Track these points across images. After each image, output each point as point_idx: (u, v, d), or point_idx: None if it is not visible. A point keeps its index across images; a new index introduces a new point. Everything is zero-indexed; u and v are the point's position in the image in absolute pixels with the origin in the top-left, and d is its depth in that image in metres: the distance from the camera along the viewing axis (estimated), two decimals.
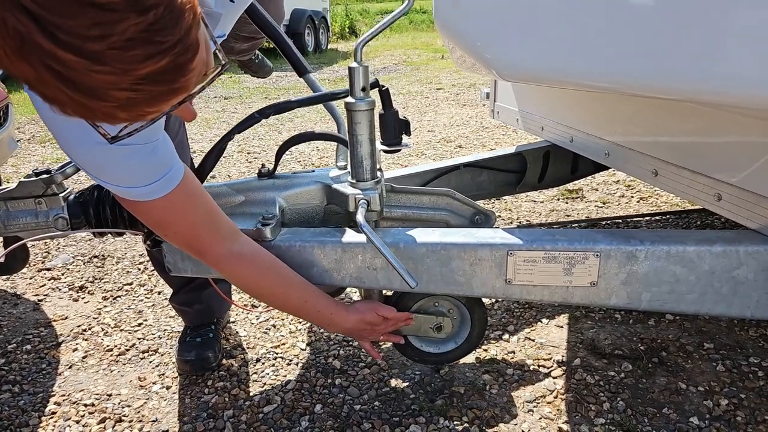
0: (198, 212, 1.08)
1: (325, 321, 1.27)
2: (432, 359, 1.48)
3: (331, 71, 8.35)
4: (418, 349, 1.45)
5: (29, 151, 4.26)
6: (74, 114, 0.62)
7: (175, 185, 0.99)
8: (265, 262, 1.18)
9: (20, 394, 1.57)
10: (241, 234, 1.17)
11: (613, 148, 1.60)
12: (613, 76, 1.00)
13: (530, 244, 1.19)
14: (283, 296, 1.23)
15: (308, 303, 1.23)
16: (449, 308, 1.40)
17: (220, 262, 1.14)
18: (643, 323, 1.74)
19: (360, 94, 1.20)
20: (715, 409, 1.39)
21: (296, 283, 1.21)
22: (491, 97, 2.39)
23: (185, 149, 1.53)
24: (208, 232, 1.10)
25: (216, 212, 1.11)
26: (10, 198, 1.28)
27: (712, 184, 1.27)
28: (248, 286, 1.23)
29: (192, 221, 1.07)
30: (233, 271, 1.17)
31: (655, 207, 2.68)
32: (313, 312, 1.25)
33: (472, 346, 1.45)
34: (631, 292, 1.19)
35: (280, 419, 1.43)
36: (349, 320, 1.27)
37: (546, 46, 1.04)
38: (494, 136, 4.15)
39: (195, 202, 1.07)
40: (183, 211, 1.05)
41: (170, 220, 1.06)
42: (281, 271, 1.19)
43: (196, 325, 1.70)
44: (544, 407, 1.42)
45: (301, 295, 1.22)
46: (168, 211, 1.03)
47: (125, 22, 0.55)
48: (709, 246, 1.14)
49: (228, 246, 1.13)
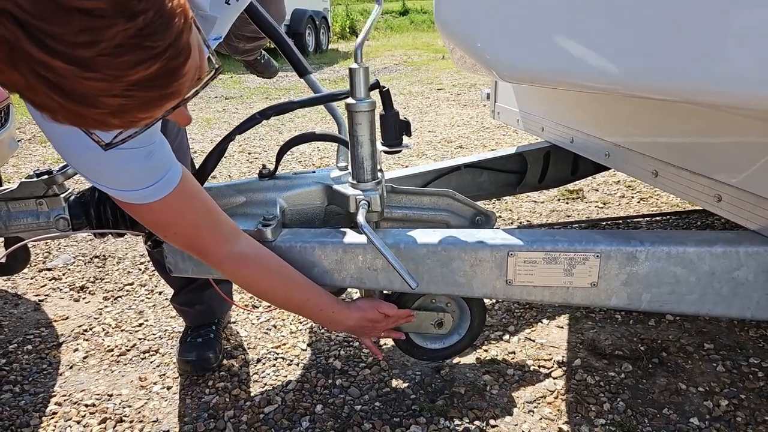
0: (198, 213, 1.08)
1: (327, 319, 1.27)
2: (439, 354, 1.47)
3: (332, 71, 8.35)
4: (423, 347, 1.44)
5: (30, 151, 4.26)
6: (65, 122, 0.61)
7: (173, 187, 0.99)
8: (268, 262, 1.18)
9: (21, 395, 1.57)
10: (242, 234, 1.17)
11: (614, 149, 1.60)
12: (615, 77, 1.00)
13: (530, 245, 1.19)
14: (286, 295, 1.23)
15: (310, 302, 1.23)
16: (447, 302, 1.40)
17: (223, 263, 1.14)
18: (643, 324, 1.75)
19: (361, 95, 1.20)
20: (715, 409, 1.39)
21: (298, 282, 1.21)
22: (492, 97, 2.39)
23: (185, 151, 1.53)
24: (209, 233, 1.10)
25: (217, 213, 1.11)
26: (12, 198, 1.28)
27: (712, 185, 1.27)
28: (250, 285, 1.23)
29: (192, 222, 1.07)
30: (235, 271, 1.17)
31: (655, 208, 2.68)
32: (315, 311, 1.25)
33: (475, 334, 1.44)
34: (632, 293, 1.19)
35: (280, 419, 1.43)
36: (351, 318, 1.27)
37: (546, 47, 1.04)
38: (495, 137, 4.15)
39: (194, 203, 1.07)
40: (182, 212, 1.05)
41: (170, 222, 1.06)
42: (283, 271, 1.19)
43: (197, 325, 1.70)
44: (544, 408, 1.43)
45: (304, 294, 1.22)
46: (167, 213, 1.03)
47: (114, 28, 0.55)
48: (710, 247, 1.14)
49: (230, 246, 1.13)
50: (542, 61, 1.06)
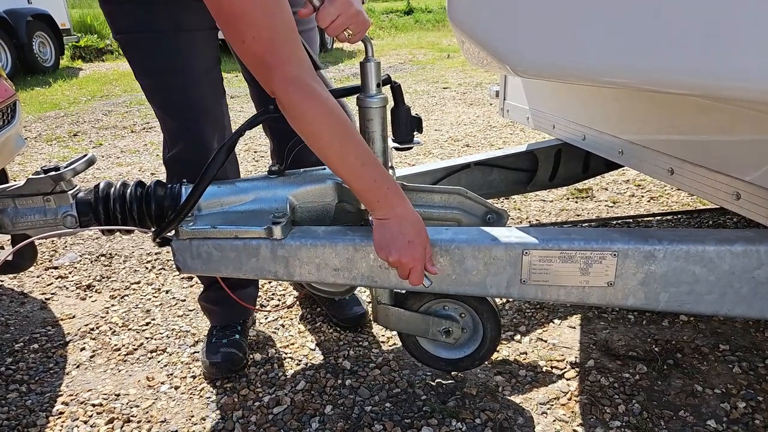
0: (284, 21, 1.01)
1: (375, 196, 1.09)
2: (467, 362, 1.43)
3: (337, 70, 8.33)
4: (450, 359, 1.42)
5: (35, 150, 4.26)
6: None
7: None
8: (334, 107, 1.06)
9: (27, 394, 1.56)
10: (316, 72, 1.07)
11: (627, 146, 1.58)
12: (629, 72, 0.98)
13: (546, 243, 1.16)
14: (341, 149, 1.07)
15: (365, 167, 1.08)
16: (461, 312, 1.38)
17: (288, 86, 1.02)
18: (656, 324, 1.72)
19: (373, 90, 1.18)
20: (733, 412, 1.36)
21: (358, 142, 1.09)
22: (501, 95, 2.36)
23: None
24: (288, 47, 1.01)
25: (297, 33, 1.03)
26: (19, 195, 1.26)
27: (730, 183, 1.24)
28: (306, 122, 1.06)
29: (275, 27, 1.00)
30: (297, 101, 1.04)
31: (665, 207, 2.65)
32: (368, 180, 1.08)
33: (497, 334, 1.40)
34: (649, 293, 1.16)
35: (290, 420, 1.41)
36: (410, 211, 1.10)
37: (562, 41, 1.01)
38: (502, 135, 4.13)
39: (283, 10, 1.00)
40: (271, 13, 0.98)
41: (255, 21, 0.98)
42: (347, 124, 1.07)
43: (222, 325, 1.67)
44: (558, 409, 1.40)
45: (361, 156, 1.08)
46: (255, 9, 0.96)
47: None
48: (730, 246, 1.11)
49: (301, 73, 1.03)
50: (558, 56, 1.04)
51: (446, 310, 1.38)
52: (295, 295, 1.99)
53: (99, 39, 10.70)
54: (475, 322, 1.38)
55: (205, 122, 1.44)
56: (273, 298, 2.01)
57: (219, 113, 1.49)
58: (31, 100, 6.22)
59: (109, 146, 4.31)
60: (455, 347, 1.42)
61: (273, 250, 1.22)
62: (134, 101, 6.06)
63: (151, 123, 5.02)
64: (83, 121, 5.20)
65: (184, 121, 1.42)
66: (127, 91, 6.74)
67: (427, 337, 1.40)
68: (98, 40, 10.63)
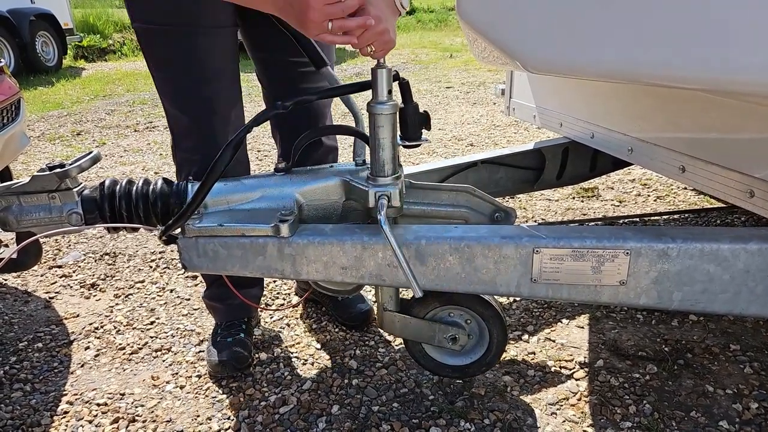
0: None
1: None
2: (474, 368, 1.40)
3: (339, 70, 8.31)
4: (457, 366, 1.40)
5: (38, 149, 4.26)
6: None
7: None
8: None
9: (32, 393, 1.54)
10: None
11: (637, 144, 1.56)
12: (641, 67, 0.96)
13: (557, 241, 1.15)
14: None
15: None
16: (467, 319, 1.36)
17: None
18: (666, 324, 1.70)
19: (384, 97, 1.16)
20: (745, 412, 1.34)
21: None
22: (506, 93, 2.35)
23: None
24: None
25: None
26: (24, 193, 1.25)
27: (743, 180, 1.22)
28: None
29: None
30: None
31: (672, 206, 2.63)
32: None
33: (504, 339, 1.38)
34: (662, 292, 1.14)
35: (296, 420, 1.40)
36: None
37: (573, 37, 1.00)
38: (506, 134, 4.11)
39: None
40: None
41: None
42: None
43: (227, 323, 1.66)
44: (567, 410, 1.38)
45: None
46: None
47: None
48: (744, 243, 1.10)
49: None
50: (568, 51, 1.02)
51: (452, 317, 1.36)
52: (299, 297, 1.98)
53: (102, 39, 10.71)
54: (480, 328, 1.36)
55: (216, 120, 1.42)
56: (278, 297, 1.99)
57: (232, 113, 1.47)
58: (34, 100, 6.21)
59: (112, 145, 4.30)
60: (462, 354, 1.39)
61: (280, 248, 1.20)
62: (137, 101, 6.06)
63: (154, 122, 5.01)
64: (86, 121, 5.19)
65: (196, 118, 1.40)
66: (129, 91, 6.73)
67: (433, 344, 1.38)
68: (101, 39, 10.63)
